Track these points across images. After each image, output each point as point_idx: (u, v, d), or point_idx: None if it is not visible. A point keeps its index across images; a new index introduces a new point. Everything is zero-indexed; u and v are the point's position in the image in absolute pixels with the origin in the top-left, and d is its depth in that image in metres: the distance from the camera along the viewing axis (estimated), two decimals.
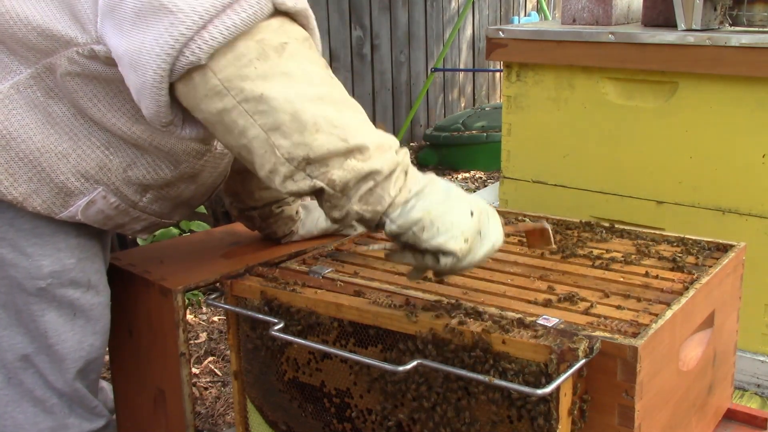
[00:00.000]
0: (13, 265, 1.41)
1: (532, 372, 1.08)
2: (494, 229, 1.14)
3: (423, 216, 1.07)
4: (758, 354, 1.98)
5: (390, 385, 1.21)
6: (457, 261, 1.09)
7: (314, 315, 1.28)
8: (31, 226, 1.40)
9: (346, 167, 1.05)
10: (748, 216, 1.93)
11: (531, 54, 2.18)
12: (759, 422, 1.54)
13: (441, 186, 1.11)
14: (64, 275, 1.44)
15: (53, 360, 1.49)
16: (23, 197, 1.36)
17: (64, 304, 1.46)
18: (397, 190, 1.08)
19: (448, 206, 1.08)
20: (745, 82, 1.87)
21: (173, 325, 1.53)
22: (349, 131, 1.06)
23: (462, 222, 1.08)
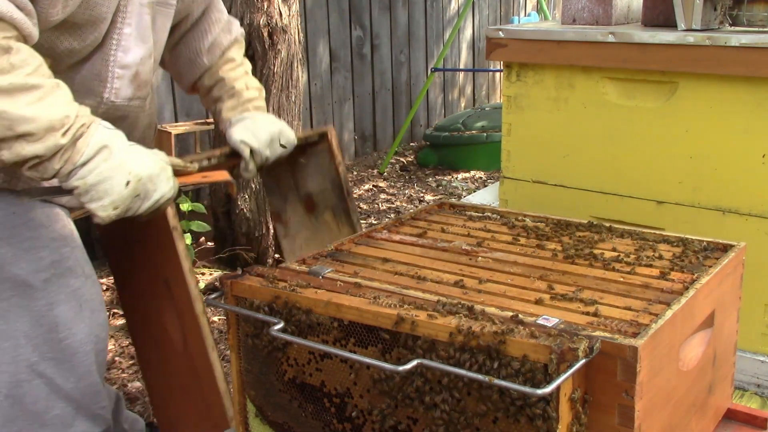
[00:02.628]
0: (14, 263, 1.41)
1: (532, 372, 1.07)
2: (158, 191, 1.34)
3: (80, 185, 1.27)
4: (758, 354, 1.98)
5: (390, 385, 1.21)
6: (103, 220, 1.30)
7: (314, 315, 1.28)
8: (25, 219, 1.41)
9: (12, 150, 1.21)
10: (748, 216, 1.93)
11: (531, 54, 2.18)
12: (759, 422, 1.54)
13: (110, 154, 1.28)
14: (62, 264, 1.45)
15: (62, 359, 1.47)
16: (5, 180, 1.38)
17: (70, 295, 1.46)
18: (61, 164, 1.25)
19: (105, 176, 1.27)
20: (745, 82, 1.87)
21: None
22: (16, 120, 1.20)
23: (114, 191, 1.28)
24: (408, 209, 4.62)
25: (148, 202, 1.33)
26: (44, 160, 1.23)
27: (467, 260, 1.49)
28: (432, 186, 5.11)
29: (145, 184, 1.32)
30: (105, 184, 1.27)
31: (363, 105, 5.66)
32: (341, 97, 5.46)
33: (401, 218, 1.77)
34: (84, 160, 1.26)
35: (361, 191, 5.04)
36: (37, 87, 1.22)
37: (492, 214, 1.79)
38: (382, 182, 5.25)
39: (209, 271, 3.38)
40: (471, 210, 1.83)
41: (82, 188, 1.27)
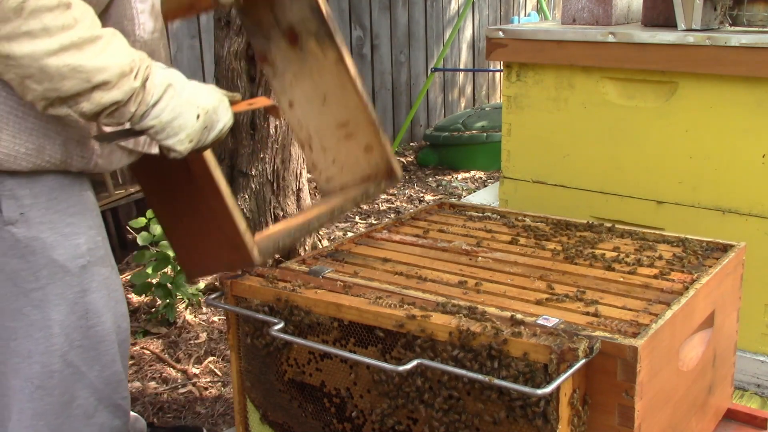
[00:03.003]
0: (54, 248, 1.42)
1: (532, 372, 1.08)
2: (221, 121, 1.40)
3: (156, 124, 1.32)
4: (758, 354, 1.98)
5: (390, 385, 1.21)
6: (180, 154, 1.36)
7: (314, 315, 1.28)
8: (65, 206, 1.43)
9: (92, 101, 1.26)
10: (748, 216, 1.93)
11: (531, 54, 2.18)
12: (759, 422, 1.54)
13: (175, 92, 1.34)
14: (96, 253, 1.47)
15: (89, 346, 1.48)
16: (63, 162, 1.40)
17: (101, 283, 1.48)
18: (135, 107, 1.30)
19: (178, 112, 1.33)
20: (745, 82, 1.87)
21: None
22: (92, 72, 1.24)
23: (188, 125, 1.34)
24: (408, 209, 4.62)
25: (213, 132, 1.39)
26: (121, 106, 1.28)
27: (467, 260, 1.49)
28: (432, 186, 5.11)
29: (211, 115, 1.38)
30: (179, 119, 1.33)
31: None
32: None
33: (401, 218, 1.77)
34: (155, 100, 1.31)
35: None
36: (99, 37, 1.26)
37: (492, 214, 1.79)
38: None
39: None
40: (471, 210, 1.83)
41: (158, 126, 1.32)
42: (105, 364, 1.50)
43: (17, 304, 1.42)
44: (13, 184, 1.39)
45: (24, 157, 1.36)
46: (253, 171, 3.33)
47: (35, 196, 1.40)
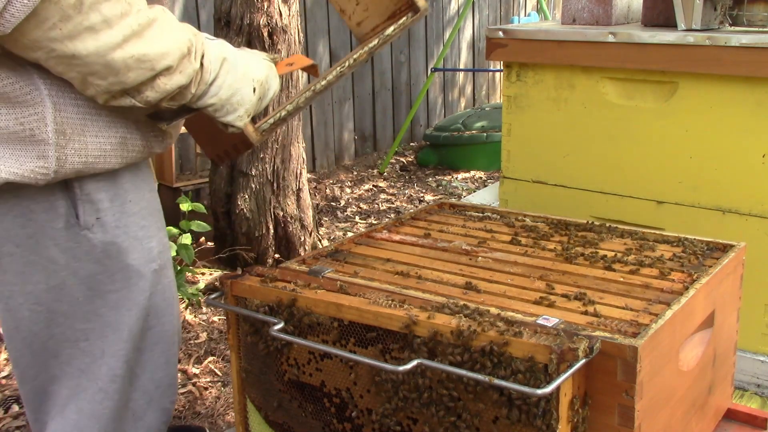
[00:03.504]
0: (129, 252, 1.39)
1: (532, 372, 1.08)
2: (272, 89, 1.42)
3: (215, 102, 1.31)
4: (758, 354, 1.98)
5: (390, 385, 1.21)
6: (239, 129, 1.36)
7: (314, 315, 1.28)
8: (138, 208, 1.40)
9: (156, 89, 1.24)
10: (748, 216, 1.93)
11: (531, 54, 2.18)
12: (759, 422, 1.54)
13: (230, 66, 1.32)
14: (164, 255, 1.46)
15: (144, 348, 1.45)
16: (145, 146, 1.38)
17: (167, 286, 1.46)
18: (195, 87, 1.28)
19: (235, 88, 1.33)
20: (745, 82, 1.88)
21: None
22: (155, 59, 1.21)
23: (245, 100, 1.34)
24: (408, 209, 4.62)
25: (266, 101, 1.40)
26: (183, 90, 1.27)
27: (467, 260, 1.49)
28: (432, 186, 5.11)
29: (264, 85, 1.38)
30: (237, 95, 1.33)
31: (363, 105, 5.66)
32: (341, 97, 5.46)
33: (401, 218, 1.77)
34: (213, 78, 1.29)
35: (361, 191, 5.04)
36: (155, 20, 1.22)
37: (492, 214, 1.79)
38: (382, 182, 5.25)
39: (209, 271, 3.38)
40: (471, 210, 1.83)
41: (217, 104, 1.31)
42: (158, 366, 1.48)
43: (92, 306, 1.39)
44: (91, 188, 1.35)
45: (112, 154, 1.32)
46: (253, 171, 3.33)
47: (111, 199, 1.37)
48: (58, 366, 1.41)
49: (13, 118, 1.24)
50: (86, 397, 1.43)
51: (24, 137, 1.24)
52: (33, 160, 1.25)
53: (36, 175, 1.26)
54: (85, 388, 1.42)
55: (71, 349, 1.40)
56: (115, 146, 1.32)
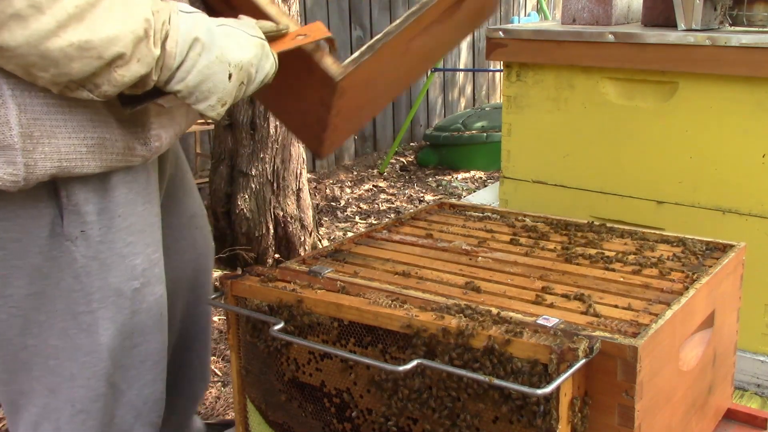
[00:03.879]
0: (110, 270, 1.32)
1: (532, 372, 1.08)
2: (261, 71, 1.26)
3: (182, 88, 1.17)
4: (758, 354, 1.98)
5: (390, 385, 1.21)
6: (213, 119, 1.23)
7: (314, 315, 1.28)
8: (127, 224, 1.33)
9: (113, 82, 1.11)
10: (748, 216, 1.93)
11: (531, 54, 2.18)
12: (759, 422, 1.54)
13: (203, 48, 1.17)
14: (151, 272, 1.37)
15: (130, 365, 1.40)
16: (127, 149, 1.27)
17: (153, 303, 1.39)
18: (157, 73, 1.15)
19: (206, 74, 1.17)
20: (745, 82, 1.87)
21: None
22: (102, 47, 1.07)
23: (218, 88, 1.19)
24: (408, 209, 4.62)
25: (253, 85, 1.24)
26: (144, 77, 1.13)
27: (467, 260, 1.49)
28: (432, 186, 5.10)
29: (248, 70, 1.22)
30: (207, 83, 1.17)
31: None
32: None
33: (401, 218, 1.77)
34: (179, 62, 1.15)
35: (361, 191, 5.04)
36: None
37: (492, 214, 1.79)
38: (382, 182, 5.25)
39: None
40: (471, 210, 1.84)
41: (184, 91, 1.17)
42: (146, 383, 1.43)
43: (64, 324, 1.33)
44: (80, 199, 1.27)
45: (89, 156, 1.22)
46: (253, 171, 3.33)
47: (99, 213, 1.29)
48: (28, 381, 1.36)
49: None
50: (64, 418, 1.37)
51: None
52: (2, 166, 1.16)
53: (6, 183, 1.17)
54: (58, 408, 1.37)
55: (42, 366, 1.35)
56: (92, 148, 1.22)
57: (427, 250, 1.55)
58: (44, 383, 1.36)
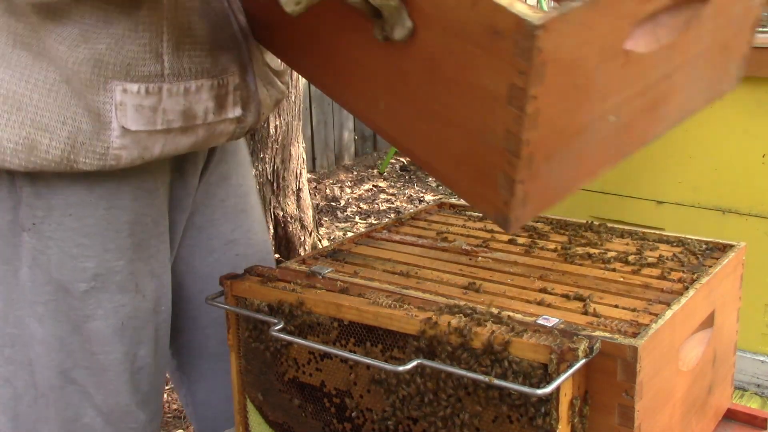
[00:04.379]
0: (58, 267, 1.32)
1: (531, 372, 1.08)
2: None
3: None
4: (758, 354, 1.98)
5: (390, 385, 1.22)
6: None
7: (314, 315, 1.28)
8: (80, 225, 1.30)
9: None
10: (748, 216, 1.93)
11: None
12: (759, 422, 1.54)
13: None
14: (107, 278, 1.34)
15: (95, 370, 1.38)
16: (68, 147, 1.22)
17: (110, 311, 1.36)
18: None
19: None
20: (745, 82, 1.87)
21: None
22: None
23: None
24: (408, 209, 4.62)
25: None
26: None
27: (467, 260, 1.49)
28: (432, 186, 5.11)
29: None
30: None
31: None
32: None
33: (401, 218, 1.77)
34: None
35: (361, 191, 5.04)
36: None
37: None
38: (382, 182, 5.25)
39: None
40: (471, 210, 1.84)
41: None
42: (110, 393, 1.42)
43: (21, 312, 1.34)
44: (30, 193, 1.27)
45: (13, 153, 1.20)
46: (253, 171, 3.33)
47: (50, 209, 1.28)
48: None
49: None
50: (24, 403, 1.38)
51: None
52: None
53: None
54: (20, 396, 1.37)
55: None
56: (20, 147, 1.20)
57: (427, 250, 1.55)
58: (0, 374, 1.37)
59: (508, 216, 1.03)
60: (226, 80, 1.35)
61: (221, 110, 1.36)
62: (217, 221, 1.58)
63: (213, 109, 1.33)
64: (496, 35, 0.92)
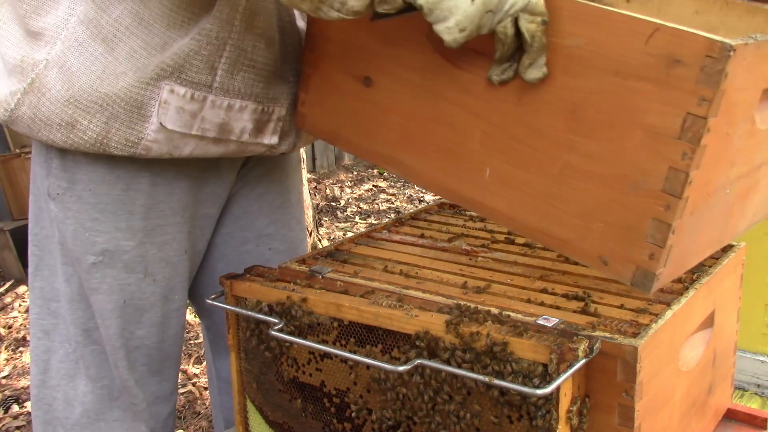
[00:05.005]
0: (73, 238, 1.40)
1: (531, 372, 1.08)
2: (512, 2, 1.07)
3: (423, 3, 1.08)
4: (758, 354, 1.98)
5: (390, 385, 1.22)
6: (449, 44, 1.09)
7: (314, 315, 1.28)
8: (96, 201, 1.38)
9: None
10: None
11: None
12: (759, 422, 1.54)
13: None
14: (115, 256, 1.41)
15: (100, 340, 1.48)
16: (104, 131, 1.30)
17: (115, 288, 1.42)
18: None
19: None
20: None
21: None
22: None
23: (459, 9, 1.06)
24: (408, 209, 4.62)
25: (498, 16, 1.08)
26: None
27: (467, 260, 1.49)
28: None
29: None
30: (449, 0, 1.07)
31: None
32: None
33: (401, 218, 1.77)
34: None
35: (361, 191, 5.04)
36: None
37: None
38: (382, 182, 5.25)
39: None
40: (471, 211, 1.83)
41: (426, 7, 1.08)
42: (111, 365, 1.49)
43: (51, 271, 1.47)
44: (58, 166, 1.37)
45: (57, 130, 1.29)
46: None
47: (73, 182, 1.38)
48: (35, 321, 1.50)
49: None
50: (57, 357, 1.49)
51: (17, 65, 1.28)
52: (12, 83, 1.30)
53: (1, 107, 1.31)
54: (52, 350, 1.48)
55: (43, 308, 1.48)
56: (63, 124, 1.29)
57: (427, 250, 1.55)
58: (40, 326, 1.48)
59: (653, 273, 0.98)
60: (271, 108, 1.42)
61: (258, 134, 1.43)
62: (253, 214, 1.62)
63: (250, 130, 1.40)
64: (676, 64, 0.92)
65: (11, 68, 1.31)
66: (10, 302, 3.69)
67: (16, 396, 2.74)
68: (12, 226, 4.13)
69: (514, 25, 1.08)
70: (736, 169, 1.06)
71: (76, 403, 1.49)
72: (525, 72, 1.09)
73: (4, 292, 3.84)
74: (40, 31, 1.29)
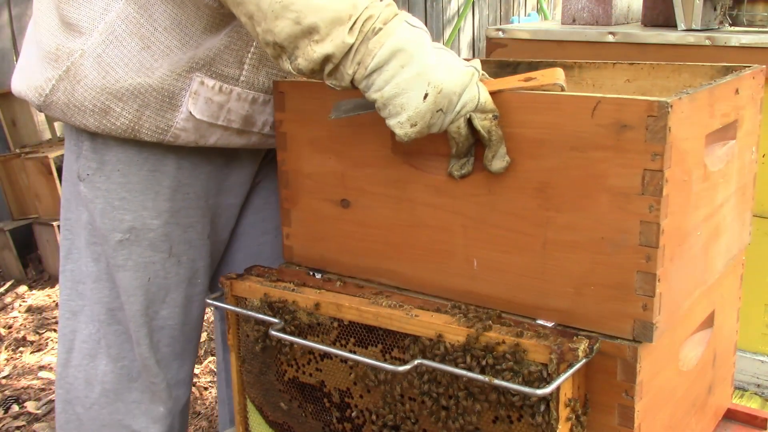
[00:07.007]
0: (101, 217, 1.44)
1: (532, 372, 1.08)
2: (464, 103, 1.12)
3: (377, 98, 1.12)
4: (758, 354, 1.98)
5: (390, 385, 1.22)
6: (401, 138, 1.13)
7: (314, 315, 1.28)
8: (125, 180, 1.43)
9: (305, 54, 1.12)
10: None
11: (531, 54, 2.18)
12: (759, 422, 1.54)
13: (406, 60, 1.11)
14: (141, 234, 1.44)
15: (127, 318, 1.50)
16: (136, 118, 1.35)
17: (140, 265, 1.46)
18: (353, 68, 1.12)
19: (402, 88, 1.10)
20: None
21: None
22: (302, 11, 1.10)
23: (410, 105, 1.10)
24: None
25: (449, 116, 1.12)
26: (338, 64, 1.11)
27: None
28: None
29: (449, 95, 1.11)
30: (401, 97, 1.10)
31: None
32: None
33: None
34: (376, 65, 1.10)
35: None
36: None
37: None
38: None
39: None
40: None
41: (380, 102, 1.11)
42: (133, 345, 1.52)
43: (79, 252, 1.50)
44: (87, 148, 1.42)
45: (91, 115, 1.34)
46: None
47: (102, 163, 1.42)
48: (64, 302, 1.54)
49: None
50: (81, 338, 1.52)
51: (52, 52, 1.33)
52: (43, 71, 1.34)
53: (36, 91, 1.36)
54: (77, 330, 1.52)
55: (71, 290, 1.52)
56: (97, 110, 1.34)
57: None
58: (68, 307, 1.52)
59: (651, 322, 1.07)
60: None
61: None
62: (273, 205, 1.64)
63: (272, 123, 1.46)
64: (624, 128, 1.02)
65: (45, 55, 1.35)
66: (10, 302, 3.69)
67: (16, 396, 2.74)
68: (12, 226, 4.12)
69: (467, 125, 1.13)
70: (701, 212, 1.16)
71: (95, 383, 1.52)
72: (490, 164, 1.14)
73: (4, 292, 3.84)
74: (75, 22, 1.33)
